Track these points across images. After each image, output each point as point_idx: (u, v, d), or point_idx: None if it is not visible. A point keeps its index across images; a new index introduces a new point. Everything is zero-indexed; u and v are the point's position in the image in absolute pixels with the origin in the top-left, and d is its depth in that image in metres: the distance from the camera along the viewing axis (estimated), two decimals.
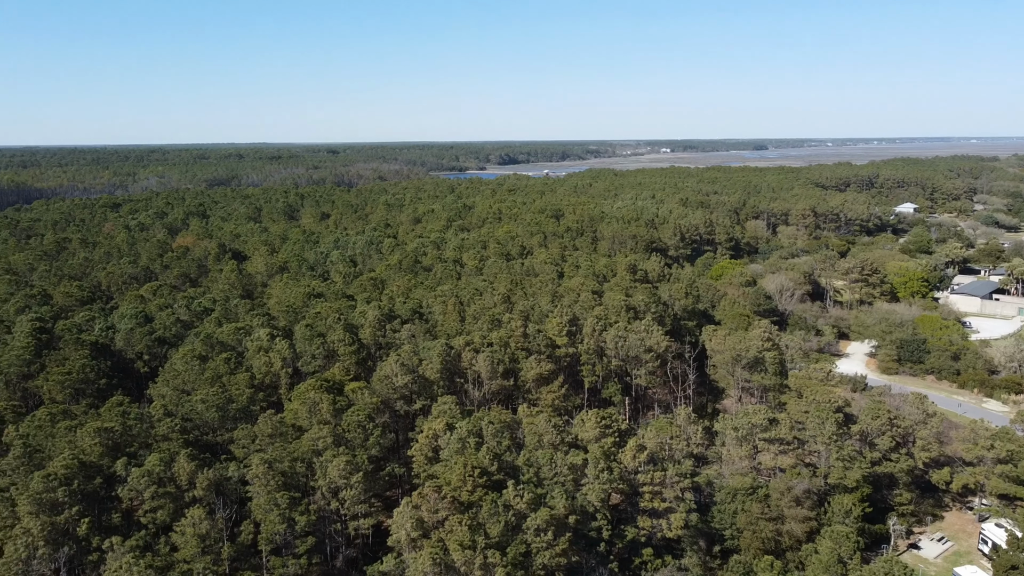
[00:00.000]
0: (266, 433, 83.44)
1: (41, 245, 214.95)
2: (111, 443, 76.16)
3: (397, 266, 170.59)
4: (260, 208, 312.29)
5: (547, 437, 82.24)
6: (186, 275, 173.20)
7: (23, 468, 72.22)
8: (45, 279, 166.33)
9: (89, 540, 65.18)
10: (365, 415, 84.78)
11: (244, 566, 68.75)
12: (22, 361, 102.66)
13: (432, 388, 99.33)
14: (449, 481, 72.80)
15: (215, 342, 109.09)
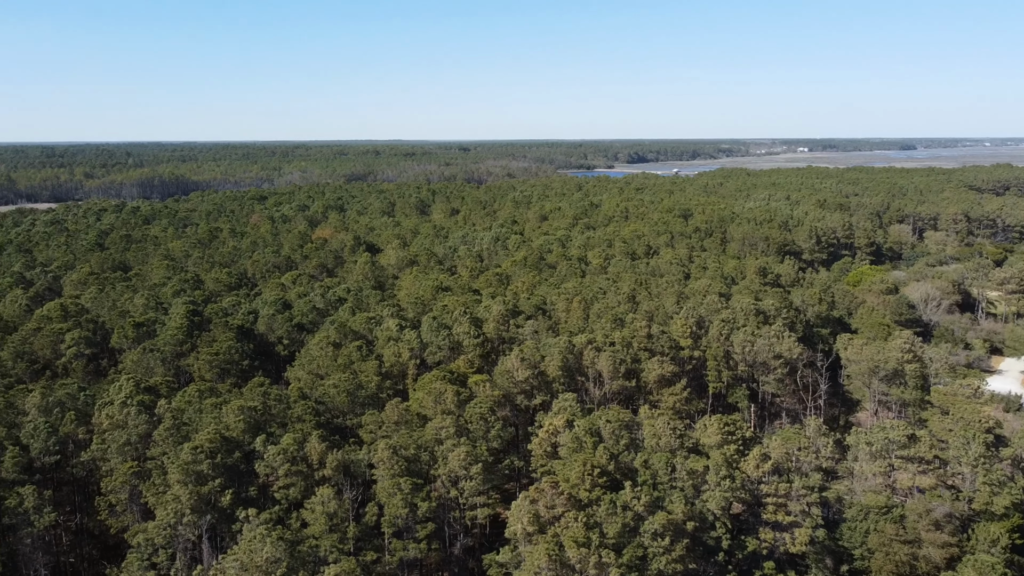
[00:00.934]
0: (392, 420, 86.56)
1: (196, 234, 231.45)
2: (251, 421, 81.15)
3: (522, 262, 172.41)
4: (394, 203, 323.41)
5: (666, 440, 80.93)
6: (323, 265, 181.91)
7: (173, 439, 78.14)
8: (198, 265, 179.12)
9: (229, 511, 69.78)
10: (487, 408, 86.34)
11: (367, 546, 71.61)
12: (176, 341, 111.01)
13: (552, 384, 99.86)
14: (567, 478, 73.04)
15: (348, 330, 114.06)
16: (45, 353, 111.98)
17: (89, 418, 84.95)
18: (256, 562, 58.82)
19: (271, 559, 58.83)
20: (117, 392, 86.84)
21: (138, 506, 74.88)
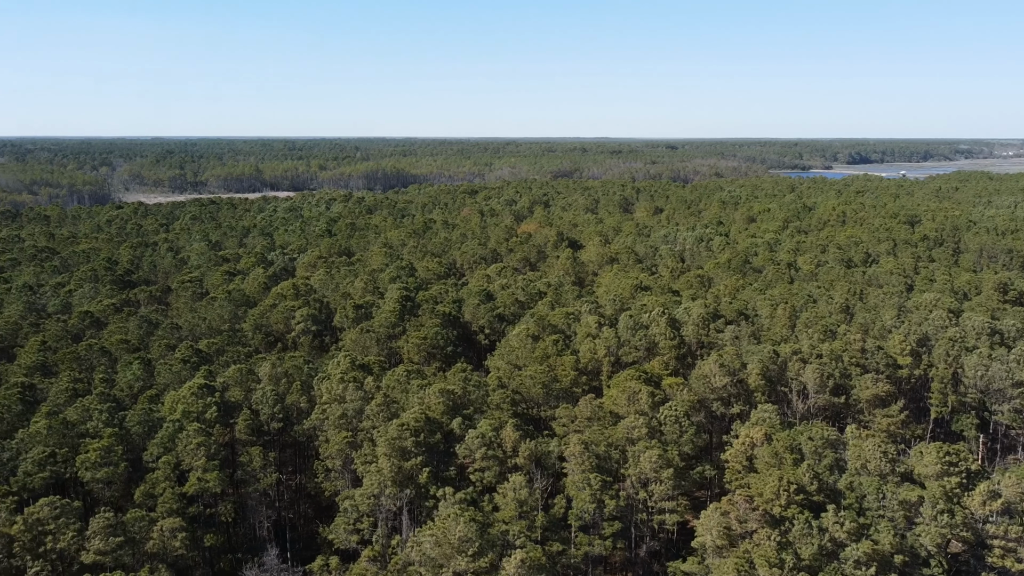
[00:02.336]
0: (585, 415, 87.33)
1: (412, 224, 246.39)
2: (452, 404, 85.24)
3: (726, 265, 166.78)
4: (598, 200, 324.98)
5: (875, 464, 74.98)
6: (527, 259, 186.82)
7: (382, 415, 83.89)
8: (413, 254, 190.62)
9: (427, 487, 73.89)
10: (681, 411, 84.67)
11: (554, 537, 72.89)
12: (389, 323, 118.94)
13: (752, 394, 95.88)
14: (762, 493, 69.96)
15: (547, 324, 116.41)
16: (278, 327, 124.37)
17: (311, 389, 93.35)
18: (449, 539, 61.83)
19: (463, 538, 61.57)
20: (336, 368, 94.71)
21: (349, 473, 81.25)
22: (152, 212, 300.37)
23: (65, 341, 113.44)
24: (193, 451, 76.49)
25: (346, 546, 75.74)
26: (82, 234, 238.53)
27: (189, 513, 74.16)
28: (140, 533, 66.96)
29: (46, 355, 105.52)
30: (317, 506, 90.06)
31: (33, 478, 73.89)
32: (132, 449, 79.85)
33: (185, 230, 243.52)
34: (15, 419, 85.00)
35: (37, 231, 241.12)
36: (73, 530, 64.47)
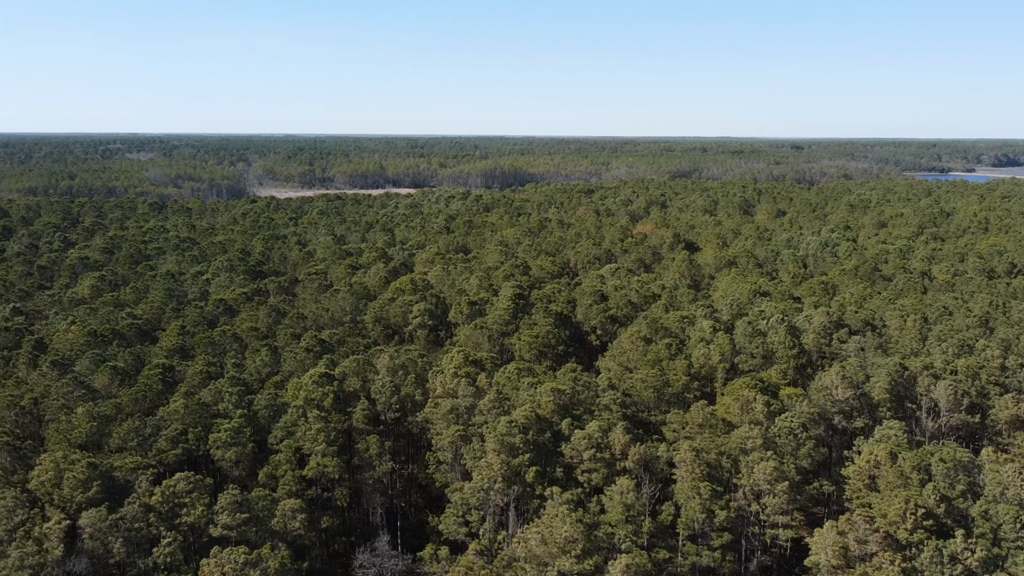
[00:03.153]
0: (697, 422, 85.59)
1: (527, 223, 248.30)
2: (561, 403, 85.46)
3: (852, 272, 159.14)
4: (716, 201, 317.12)
5: (1015, 491, 69.75)
6: (641, 260, 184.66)
7: (493, 411, 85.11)
8: (527, 252, 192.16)
9: (535, 486, 74.44)
10: (799, 423, 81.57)
11: (661, 544, 71.90)
12: (503, 321, 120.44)
13: (877, 409, 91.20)
14: (884, 514, 66.47)
15: (660, 327, 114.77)
16: (397, 320, 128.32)
17: (425, 382, 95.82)
18: (555, 538, 62.12)
19: (569, 538, 61.71)
20: (449, 362, 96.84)
21: (459, 466, 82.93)
22: (283, 206, 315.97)
23: (202, 327, 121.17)
24: (314, 436, 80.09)
25: (454, 537, 77.39)
26: (219, 226, 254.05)
27: (308, 495, 77.77)
28: (263, 511, 70.78)
29: (184, 339, 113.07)
30: (428, 496, 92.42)
31: (167, 454, 79.38)
32: (259, 431, 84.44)
33: (312, 224, 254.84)
34: (156, 398, 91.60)
35: (180, 222, 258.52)
36: (204, 505, 68.90)
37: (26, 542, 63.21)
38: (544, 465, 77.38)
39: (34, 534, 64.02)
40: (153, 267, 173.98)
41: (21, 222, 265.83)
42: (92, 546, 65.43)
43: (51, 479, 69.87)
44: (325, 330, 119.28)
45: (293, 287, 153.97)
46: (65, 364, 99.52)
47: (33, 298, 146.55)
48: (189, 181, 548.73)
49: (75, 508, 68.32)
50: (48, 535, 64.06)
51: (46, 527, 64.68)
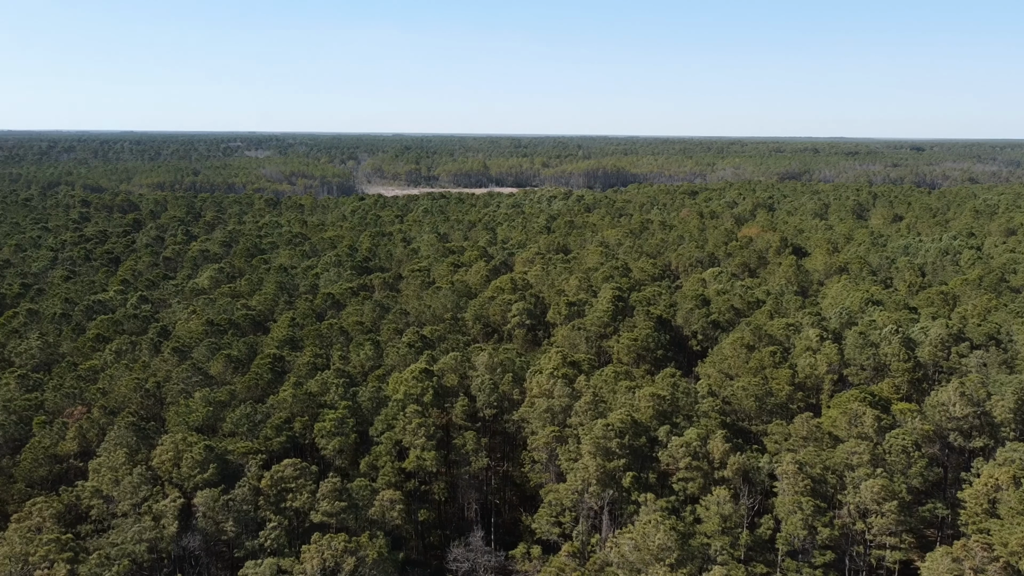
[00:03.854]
0: (800, 434, 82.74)
1: (628, 224, 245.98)
2: (659, 409, 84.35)
3: (976, 282, 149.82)
4: (827, 204, 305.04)
5: None
6: (746, 265, 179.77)
7: (589, 413, 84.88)
8: (628, 254, 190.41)
9: (630, 490, 73.78)
10: (911, 441, 77.59)
11: (758, 558, 69.94)
12: (601, 323, 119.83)
13: (999, 429, 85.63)
14: (1005, 542, 62.42)
15: (763, 334, 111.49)
16: (496, 319, 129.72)
17: (523, 381, 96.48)
18: (649, 545, 61.42)
19: (663, 546, 60.88)
20: (547, 363, 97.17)
21: (554, 467, 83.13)
22: (389, 204, 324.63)
23: (310, 319, 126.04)
24: (413, 430, 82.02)
25: (547, 537, 77.66)
26: (329, 222, 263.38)
27: (406, 487, 79.76)
28: (363, 500, 73.03)
29: (294, 331, 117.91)
30: (522, 495, 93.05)
31: (274, 440, 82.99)
32: (361, 422, 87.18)
33: (417, 222, 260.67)
34: (266, 386, 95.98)
35: (293, 218, 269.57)
36: (308, 491, 71.71)
37: (145, 517, 67.52)
38: (640, 470, 76.59)
39: (153, 510, 68.31)
40: (267, 261, 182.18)
41: (150, 215, 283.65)
42: (205, 524, 69.20)
43: (171, 459, 74.29)
44: (426, 326, 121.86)
45: (397, 283, 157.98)
46: (185, 351, 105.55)
47: (158, 287, 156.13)
48: (302, 178, 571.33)
49: (191, 487, 72.43)
50: (165, 512, 68.20)
51: (163, 504, 68.89)
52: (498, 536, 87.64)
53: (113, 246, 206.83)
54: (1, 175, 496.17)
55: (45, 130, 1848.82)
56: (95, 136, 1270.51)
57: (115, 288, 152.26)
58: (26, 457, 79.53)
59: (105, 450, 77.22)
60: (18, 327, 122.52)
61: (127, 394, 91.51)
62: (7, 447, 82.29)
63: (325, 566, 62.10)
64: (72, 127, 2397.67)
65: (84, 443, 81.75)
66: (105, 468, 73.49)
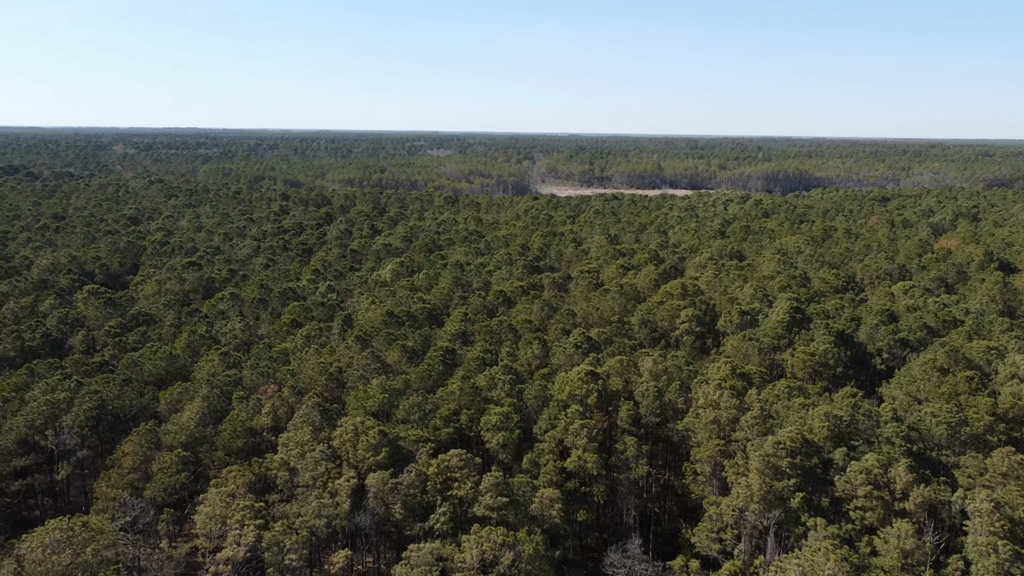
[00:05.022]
0: (1000, 470, 75.03)
1: (810, 231, 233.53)
2: (835, 430, 79.57)
3: None
4: None
5: None
6: (942, 279, 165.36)
7: (757, 428, 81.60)
8: (808, 263, 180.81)
9: (798, 513, 70.21)
10: None
11: None
12: (775, 334, 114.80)
13: None
14: None
15: (960, 357, 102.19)
16: (663, 324, 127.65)
17: (688, 390, 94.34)
18: (817, 573, 58.24)
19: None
20: (715, 372, 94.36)
21: (718, 480, 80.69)
22: (562, 204, 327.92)
23: (482, 315, 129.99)
24: (576, 431, 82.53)
25: (707, 552, 75.57)
26: (503, 221, 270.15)
27: (566, 487, 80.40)
28: (523, 497, 74.45)
29: (466, 326, 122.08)
30: (682, 505, 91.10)
31: (442, 431, 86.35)
32: (525, 419, 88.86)
33: (588, 223, 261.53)
34: (438, 378, 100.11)
35: (469, 216, 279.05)
36: (472, 482, 74.08)
37: (324, 493, 72.58)
38: (811, 493, 72.72)
39: (330, 487, 73.29)
40: (444, 256, 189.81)
41: (340, 210, 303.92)
42: (375, 505, 73.32)
43: (349, 440, 79.33)
44: (593, 328, 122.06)
45: (566, 283, 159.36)
46: (366, 339, 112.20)
47: (345, 278, 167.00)
48: (479, 177, 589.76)
49: (365, 468, 76.98)
50: (340, 489, 72.94)
51: (339, 482, 73.69)
52: (656, 545, 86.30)
53: (307, 238, 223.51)
54: (216, 170, 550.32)
55: (254, 128, 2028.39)
56: (296, 135, 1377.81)
57: (307, 277, 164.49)
58: (226, 428, 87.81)
59: (293, 426, 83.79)
60: (224, 309, 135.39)
61: (314, 376, 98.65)
62: (211, 417, 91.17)
63: (484, 558, 63.93)
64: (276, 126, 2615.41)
65: (275, 419, 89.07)
66: (292, 443, 79.76)
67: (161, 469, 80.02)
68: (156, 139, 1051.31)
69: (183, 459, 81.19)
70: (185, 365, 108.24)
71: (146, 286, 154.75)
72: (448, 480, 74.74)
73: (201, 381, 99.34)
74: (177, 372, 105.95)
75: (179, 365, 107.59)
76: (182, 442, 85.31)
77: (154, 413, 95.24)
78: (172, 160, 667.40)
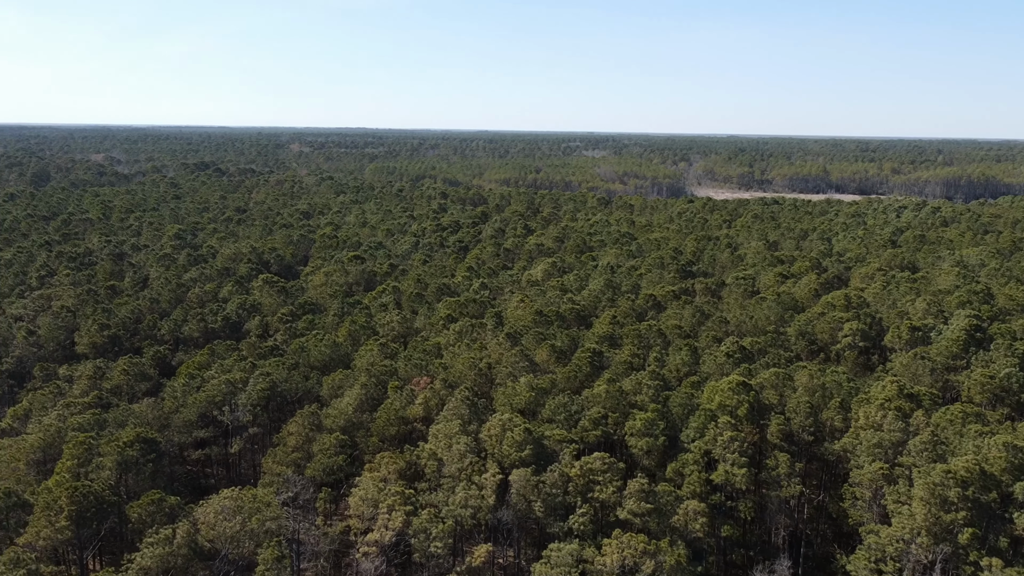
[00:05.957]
0: None
1: (996, 242, 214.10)
2: (1017, 462, 72.64)
3: None
4: None
5: None
6: None
7: (926, 455, 75.84)
8: (992, 277, 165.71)
9: (969, 551, 64.69)
10: None
11: None
12: (950, 354, 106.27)
13: None
14: None
15: None
16: (823, 337, 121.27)
17: (849, 408, 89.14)
18: None
19: None
20: (880, 391, 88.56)
21: (878, 507, 75.76)
22: (718, 208, 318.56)
23: (630, 319, 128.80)
24: (725, 443, 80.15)
25: None
26: (656, 223, 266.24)
27: (712, 500, 78.27)
28: (667, 506, 73.22)
29: (614, 328, 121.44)
30: (837, 530, 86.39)
31: (589, 433, 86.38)
32: (670, 427, 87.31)
33: (745, 228, 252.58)
34: (584, 379, 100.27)
35: (621, 217, 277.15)
36: (614, 486, 73.74)
37: (470, 485, 74.60)
38: (985, 530, 66.83)
39: (475, 480, 75.23)
40: (595, 258, 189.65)
41: (495, 208, 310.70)
42: (518, 501, 74.53)
43: (496, 435, 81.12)
44: (747, 337, 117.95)
45: (719, 290, 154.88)
46: (515, 337, 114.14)
47: (497, 276, 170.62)
48: (634, 178, 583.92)
49: (509, 464, 78.43)
50: (485, 483, 74.70)
51: (484, 476, 75.48)
52: (807, 569, 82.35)
53: (463, 236, 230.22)
54: (381, 168, 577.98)
55: (417, 129, 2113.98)
56: (456, 135, 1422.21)
57: (462, 274, 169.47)
58: (381, 416, 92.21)
59: (443, 418, 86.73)
60: (384, 302, 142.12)
61: (464, 371, 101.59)
62: (367, 404, 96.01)
63: (624, 564, 63.50)
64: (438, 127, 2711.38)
65: (427, 409, 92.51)
66: (441, 434, 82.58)
67: (321, 450, 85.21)
68: (328, 138, 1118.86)
69: (341, 442, 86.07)
70: (346, 353, 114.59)
71: (315, 277, 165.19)
72: (590, 482, 74.77)
73: (360, 369, 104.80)
74: (339, 359, 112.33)
75: (341, 353, 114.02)
76: (340, 426, 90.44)
77: (317, 397, 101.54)
78: (342, 158, 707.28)
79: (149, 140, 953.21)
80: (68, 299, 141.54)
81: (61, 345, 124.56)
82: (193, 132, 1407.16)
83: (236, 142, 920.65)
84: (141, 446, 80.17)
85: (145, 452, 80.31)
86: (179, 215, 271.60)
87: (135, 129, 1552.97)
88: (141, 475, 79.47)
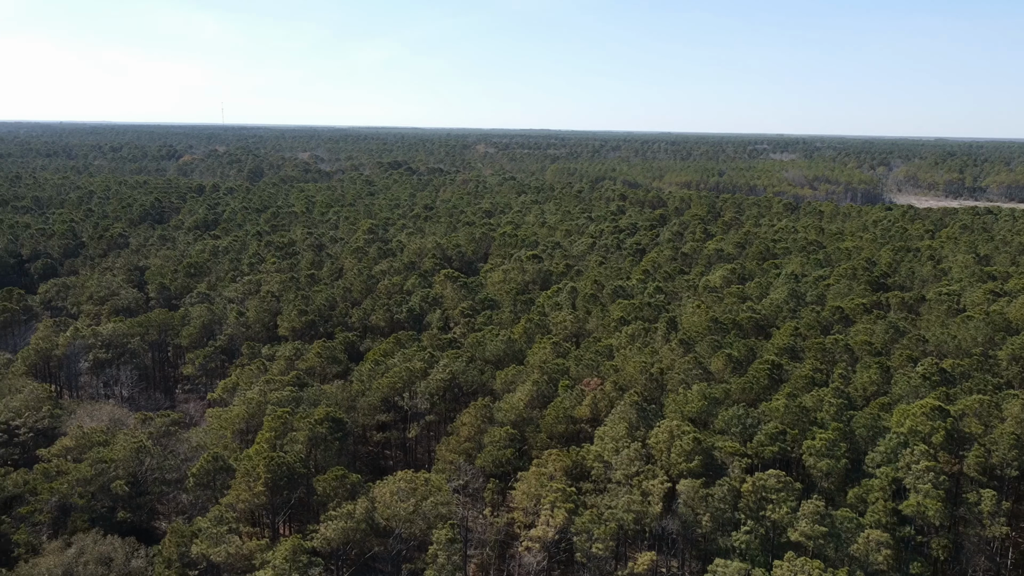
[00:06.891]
0: None
1: None
2: None
3: None
4: None
5: None
6: None
7: None
8: None
9: None
10: None
11: None
12: None
13: None
14: None
15: None
16: None
17: None
18: None
19: None
20: None
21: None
22: (920, 216, 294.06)
23: (814, 331, 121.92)
24: (918, 472, 74.07)
25: None
26: (848, 231, 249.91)
27: (899, 533, 72.59)
28: (846, 532, 68.76)
29: (796, 340, 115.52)
30: None
31: (765, 448, 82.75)
32: (854, 449, 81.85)
33: (951, 239, 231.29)
34: (761, 392, 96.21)
35: (809, 224, 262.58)
36: (789, 507, 70.25)
37: (635, 490, 73.88)
38: None
39: (643, 486, 74.37)
40: (778, 266, 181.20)
41: (674, 212, 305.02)
42: (684, 512, 72.89)
43: (664, 443, 79.81)
44: (947, 359, 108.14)
45: (917, 306, 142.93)
46: (689, 344, 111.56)
47: (673, 280, 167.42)
48: (825, 183, 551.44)
49: (676, 473, 76.86)
50: (652, 491, 73.64)
51: (652, 483, 74.43)
52: None
53: (640, 238, 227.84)
54: (562, 169, 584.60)
55: (598, 130, 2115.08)
56: (638, 136, 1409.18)
57: (637, 277, 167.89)
58: (550, 413, 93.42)
59: (611, 421, 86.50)
60: (560, 301, 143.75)
61: (634, 375, 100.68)
62: (538, 400, 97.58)
63: None
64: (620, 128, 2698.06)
65: (595, 411, 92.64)
66: (608, 437, 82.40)
67: (491, 442, 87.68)
68: (512, 139, 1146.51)
69: (511, 436, 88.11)
70: (520, 349, 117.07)
71: (494, 274, 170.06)
72: (762, 500, 71.74)
73: (533, 366, 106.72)
74: (513, 355, 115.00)
75: (515, 349, 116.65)
76: (511, 420, 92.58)
77: (490, 390, 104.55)
78: (524, 159, 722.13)
79: (349, 140, 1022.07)
80: (274, 285, 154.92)
81: (266, 327, 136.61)
82: (388, 133, 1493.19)
83: (426, 142, 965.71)
84: (330, 424, 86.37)
85: (333, 430, 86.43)
86: (372, 211, 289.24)
87: (337, 130, 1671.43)
88: (328, 451, 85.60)
